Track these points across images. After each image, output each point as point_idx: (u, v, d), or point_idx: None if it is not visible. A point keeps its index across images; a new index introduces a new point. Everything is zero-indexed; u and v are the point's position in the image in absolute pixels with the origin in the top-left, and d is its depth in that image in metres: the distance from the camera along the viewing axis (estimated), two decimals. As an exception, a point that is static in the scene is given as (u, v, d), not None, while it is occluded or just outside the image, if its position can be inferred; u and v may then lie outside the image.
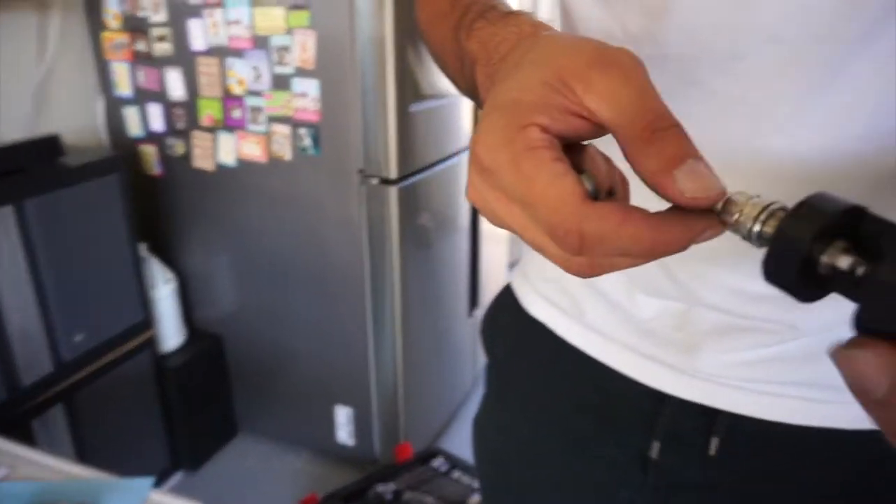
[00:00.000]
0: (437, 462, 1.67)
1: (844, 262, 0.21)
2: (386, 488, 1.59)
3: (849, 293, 0.22)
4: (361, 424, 1.73)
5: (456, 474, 1.64)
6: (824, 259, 0.22)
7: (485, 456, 0.64)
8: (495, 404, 0.62)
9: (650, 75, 0.26)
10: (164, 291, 1.66)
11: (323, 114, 1.42)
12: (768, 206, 0.23)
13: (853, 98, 0.35)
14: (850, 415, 0.44)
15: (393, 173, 1.42)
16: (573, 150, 0.27)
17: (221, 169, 1.59)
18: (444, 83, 1.62)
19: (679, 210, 0.25)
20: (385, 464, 1.71)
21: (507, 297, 0.61)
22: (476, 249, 1.90)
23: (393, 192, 1.44)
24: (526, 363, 0.58)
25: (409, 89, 1.44)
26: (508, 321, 0.60)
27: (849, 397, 0.47)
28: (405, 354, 1.64)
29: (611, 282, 0.49)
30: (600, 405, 0.52)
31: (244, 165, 1.56)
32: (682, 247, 0.25)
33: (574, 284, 0.52)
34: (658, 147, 0.23)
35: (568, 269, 0.27)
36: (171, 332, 1.70)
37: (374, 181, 1.44)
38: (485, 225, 1.90)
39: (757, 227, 0.23)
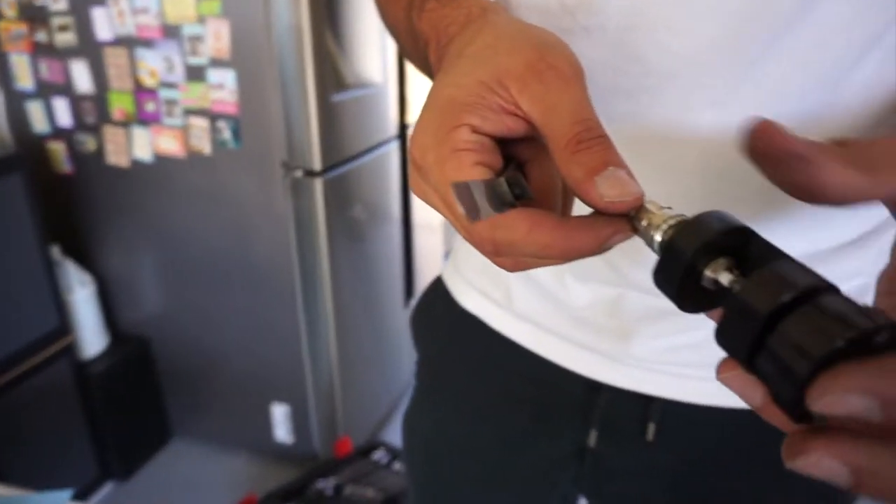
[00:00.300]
0: (378, 454, 1.67)
1: (725, 277, 0.22)
2: (326, 484, 1.57)
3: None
4: (299, 421, 1.70)
5: (397, 465, 1.63)
6: (707, 273, 0.23)
7: (417, 451, 0.63)
8: (427, 399, 0.62)
9: (586, 46, 0.26)
10: (81, 295, 1.57)
11: (242, 105, 1.37)
12: (672, 217, 0.24)
13: (782, 76, 0.36)
14: None
15: (317, 165, 1.39)
16: (520, 145, 0.28)
17: (137, 165, 1.52)
18: (368, 72, 1.59)
19: (592, 215, 0.25)
20: (325, 459, 1.69)
21: (437, 289, 0.60)
22: (409, 239, 1.89)
23: (318, 184, 1.41)
24: (459, 356, 0.58)
25: (331, 79, 1.40)
26: (440, 314, 0.59)
27: None
28: (340, 348, 1.61)
29: (545, 271, 0.49)
30: (536, 397, 0.53)
31: (161, 161, 1.49)
32: (593, 251, 0.25)
33: (505, 274, 0.52)
34: (583, 156, 0.24)
35: (495, 264, 0.28)
36: (91, 338, 1.62)
37: (299, 173, 1.41)
38: (417, 214, 1.89)
39: (658, 237, 0.24)
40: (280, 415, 1.72)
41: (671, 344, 0.45)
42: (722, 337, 0.22)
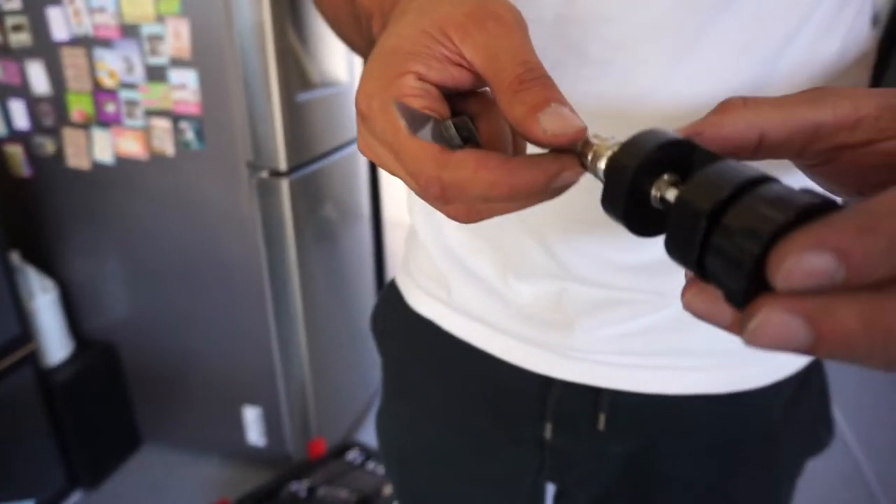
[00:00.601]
0: (352, 455, 1.66)
1: (670, 194, 0.22)
2: (299, 486, 1.56)
3: None
4: (272, 423, 1.69)
5: (370, 465, 1.63)
6: (654, 192, 0.22)
7: (391, 454, 0.64)
8: (395, 402, 0.62)
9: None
10: (43, 301, 1.54)
11: (204, 106, 1.35)
12: (616, 144, 0.24)
13: (717, 58, 0.36)
14: (717, 379, 0.47)
15: (283, 165, 1.38)
16: (468, 100, 0.28)
17: (98, 167, 1.49)
18: (334, 71, 1.58)
19: (538, 155, 0.25)
20: (299, 461, 1.68)
21: (392, 294, 0.60)
22: (380, 238, 1.88)
23: (285, 185, 1.40)
24: (418, 360, 0.58)
25: (296, 78, 1.39)
26: (396, 319, 0.59)
27: (716, 362, 0.49)
28: (311, 348, 1.60)
29: (487, 269, 0.49)
30: (493, 396, 0.53)
31: (123, 163, 1.46)
32: (541, 188, 0.25)
33: (453, 276, 0.52)
34: (525, 95, 0.24)
35: (448, 216, 0.28)
36: (55, 345, 1.59)
37: (264, 174, 1.39)
38: (388, 213, 1.89)
39: (601, 164, 0.24)
40: (252, 417, 1.70)
41: (615, 333, 0.46)
42: (670, 247, 0.21)
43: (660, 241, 0.47)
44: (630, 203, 0.23)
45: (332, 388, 1.75)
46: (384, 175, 1.86)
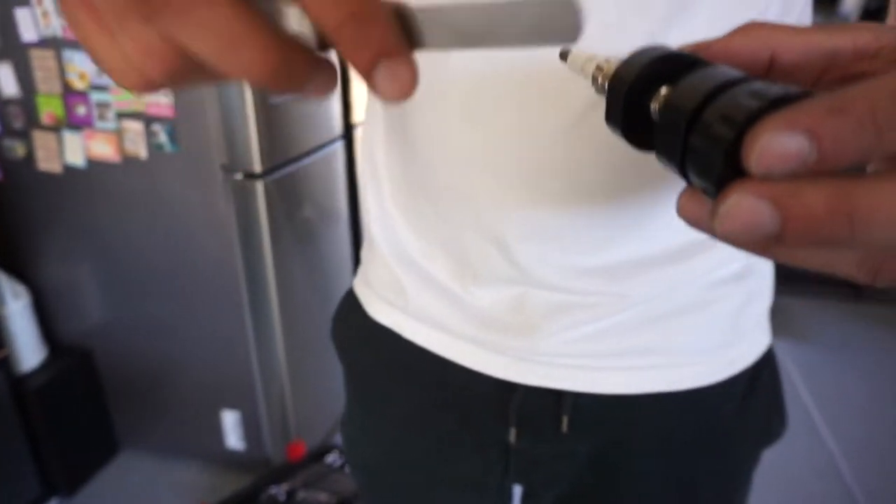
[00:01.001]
0: (332, 457, 1.65)
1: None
2: (279, 490, 1.55)
3: None
4: (251, 427, 1.68)
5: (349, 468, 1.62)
6: (652, 105, 0.22)
7: (357, 462, 0.63)
8: (358, 410, 0.62)
9: None
10: (14, 307, 1.52)
11: (178, 108, 1.34)
12: (618, 60, 0.24)
13: None
14: (675, 377, 0.48)
15: (258, 167, 1.37)
16: None
17: (70, 171, 1.47)
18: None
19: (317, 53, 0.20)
20: (278, 465, 1.67)
21: (351, 302, 0.60)
22: (358, 239, 1.88)
23: (260, 187, 1.39)
24: (379, 368, 0.57)
25: (270, 79, 1.38)
26: (356, 328, 0.59)
27: (674, 360, 0.49)
28: (289, 350, 1.60)
29: (444, 275, 0.49)
30: (455, 401, 0.53)
31: (96, 166, 1.44)
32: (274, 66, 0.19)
33: (410, 282, 0.52)
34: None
35: (128, 77, 0.20)
36: (28, 351, 1.56)
37: (239, 176, 1.38)
38: (367, 214, 1.88)
39: (601, 81, 0.24)
40: (230, 421, 1.69)
41: (576, 336, 0.46)
42: (659, 152, 0.21)
43: (623, 241, 0.47)
44: (629, 116, 0.23)
45: (311, 391, 1.74)
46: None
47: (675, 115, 0.20)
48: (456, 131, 0.43)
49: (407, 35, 0.20)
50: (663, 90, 0.22)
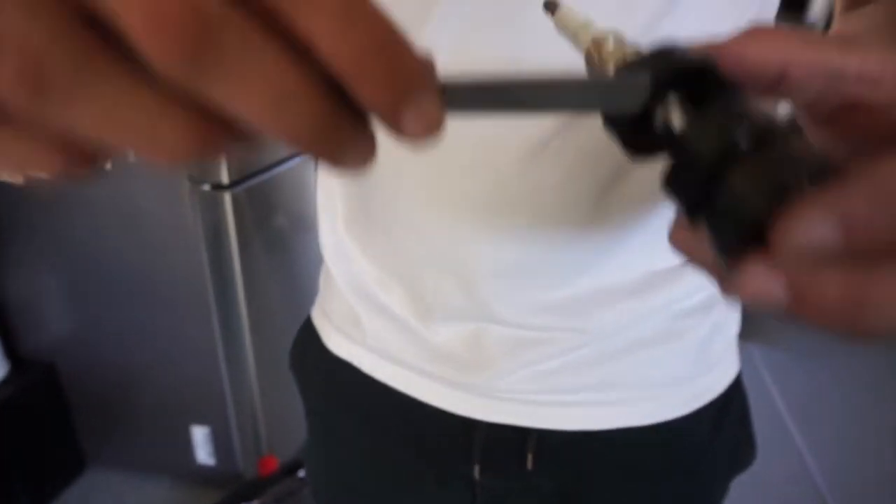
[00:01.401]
0: (304, 472, 1.63)
1: (676, 118, 0.20)
2: (250, 505, 1.52)
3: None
4: (221, 442, 1.64)
5: (324, 481, 1.60)
6: (658, 113, 0.20)
7: (319, 496, 0.61)
8: (318, 445, 0.60)
9: None
10: (-27, 323, 1.47)
11: (142, 117, 1.30)
12: (621, 47, 0.23)
13: None
14: (640, 411, 0.47)
15: (224, 178, 1.34)
16: None
17: (34, 180, 1.42)
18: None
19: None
20: (249, 480, 1.64)
21: (308, 333, 0.58)
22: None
23: (227, 198, 1.36)
24: (339, 402, 0.56)
25: (238, 88, 1.35)
26: (314, 361, 0.57)
27: (639, 394, 0.49)
28: (260, 363, 1.57)
29: (400, 307, 0.48)
30: (417, 437, 0.51)
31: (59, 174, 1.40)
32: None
33: (366, 314, 0.50)
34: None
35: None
36: (-13, 367, 1.51)
37: (206, 187, 1.35)
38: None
39: (599, 62, 0.24)
40: (201, 436, 1.65)
41: (537, 372, 0.45)
42: (666, 185, 0.20)
43: (587, 273, 0.45)
44: (630, 123, 0.21)
45: (283, 404, 1.71)
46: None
47: (693, 160, 0.19)
48: (411, 165, 0.41)
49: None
50: (673, 98, 0.20)
